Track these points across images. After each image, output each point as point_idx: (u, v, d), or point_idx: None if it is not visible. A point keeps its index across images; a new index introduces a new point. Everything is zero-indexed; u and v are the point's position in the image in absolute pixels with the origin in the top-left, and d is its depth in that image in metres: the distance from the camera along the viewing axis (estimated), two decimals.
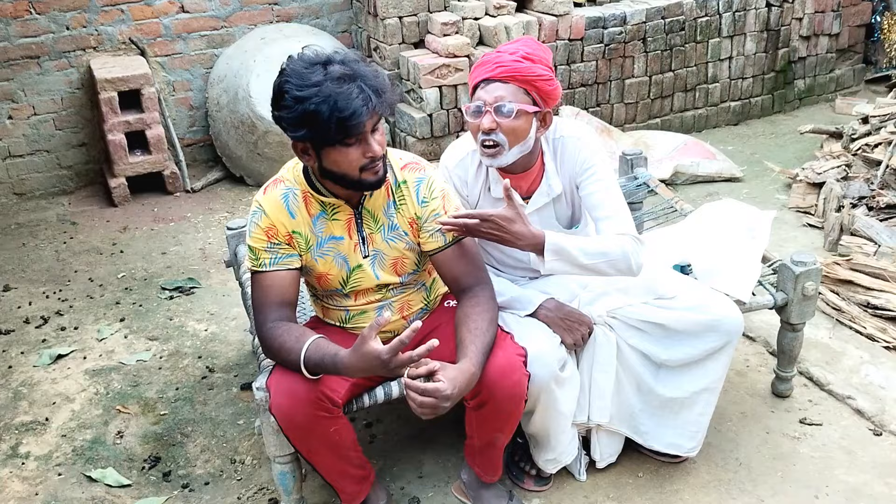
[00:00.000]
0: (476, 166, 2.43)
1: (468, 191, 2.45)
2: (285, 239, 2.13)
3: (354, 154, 1.96)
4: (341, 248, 2.18)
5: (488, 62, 2.28)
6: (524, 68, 2.24)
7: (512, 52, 2.27)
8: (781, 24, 5.57)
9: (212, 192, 4.95)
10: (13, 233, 4.51)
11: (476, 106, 2.27)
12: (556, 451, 2.46)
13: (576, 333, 2.33)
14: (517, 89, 2.24)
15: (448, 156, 2.48)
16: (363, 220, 2.18)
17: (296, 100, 1.89)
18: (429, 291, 2.37)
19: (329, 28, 5.34)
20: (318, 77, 1.89)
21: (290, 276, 2.13)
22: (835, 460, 2.62)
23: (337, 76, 1.90)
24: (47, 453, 2.81)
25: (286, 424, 2.08)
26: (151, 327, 3.53)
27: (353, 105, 1.88)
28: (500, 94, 2.23)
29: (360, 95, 1.90)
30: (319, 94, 1.87)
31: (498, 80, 2.25)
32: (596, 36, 4.96)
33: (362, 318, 2.28)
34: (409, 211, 2.19)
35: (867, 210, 3.84)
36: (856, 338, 3.20)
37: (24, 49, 4.66)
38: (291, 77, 1.91)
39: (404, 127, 4.82)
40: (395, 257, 2.22)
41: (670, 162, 4.69)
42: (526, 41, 2.34)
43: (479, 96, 2.27)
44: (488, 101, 2.24)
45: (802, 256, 2.66)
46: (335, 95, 1.88)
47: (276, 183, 2.16)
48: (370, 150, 1.97)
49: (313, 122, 1.89)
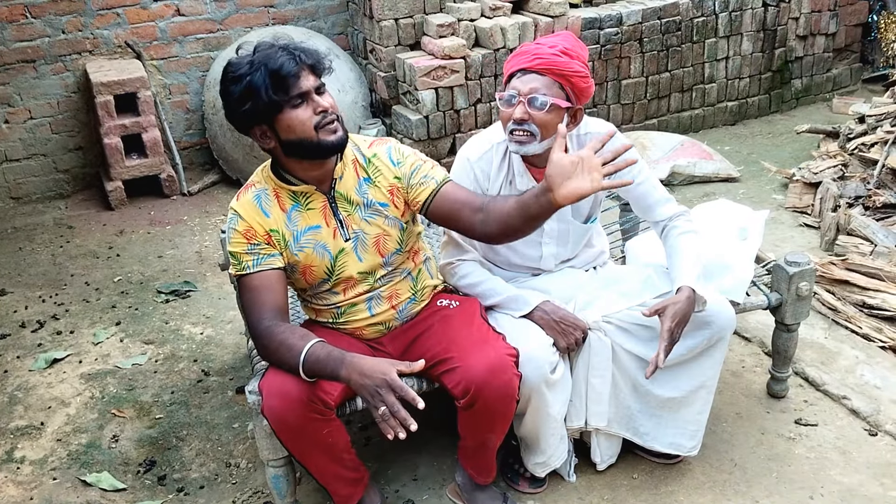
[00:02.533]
0: (500, 159, 2.41)
1: (489, 184, 2.42)
2: (264, 238, 2.14)
3: (304, 114, 2.03)
4: (320, 236, 2.19)
5: (527, 52, 2.27)
6: (562, 62, 2.23)
7: (551, 46, 2.26)
8: (778, 24, 5.57)
9: (208, 194, 4.95)
10: (9, 237, 4.51)
11: (510, 95, 2.27)
12: (546, 455, 2.45)
13: (569, 337, 2.33)
14: (552, 83, 2.24)
15: (470, 148, 2.45)
16: (338, 204, 2.20)
17: (234, 80, 2.01)
18: (415, 281, 2.37)
19: (325, 30, 5.35)
20: (249, 57, 2.04)
21: (275, 276, 2.14)
22: (830, 461, 2.61)
23: (265, 48, 2.04)
24: (42, 457, 2.81)
25: (278, 426, 2.08)
26: (147, 331, 3.53)
27: (279, 61, 1.99)
28: (535, 86, 2.23)
29: (286, 54, 2.02)
30: (252, 66, 2.00)
31: (534, 71, 2.24)
32: (592, 37, 4.96)
33: (353, 311, 2.29)
34: (387, 178, 2.22)
35: (864, 210, 3.84)
36: (851, 338, 3.20)
37: (19, 53, 4.67)
38: (228, 69, 2.05)
39: (400, 129, 4.82)
40: (375, 235, 2.23)
41: (667, 162, 4.69)
42: (566, 36, 2.33)
43: (514, 86, 2.27)
44: (523, 92, 2.24)
45: (796, 257, 2.65)
46: (264, 60, 2.00)
47: (246, 188, 2.21)
48: (319, 105, 2.05)
49: (253, 91, 1.99)
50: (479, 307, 2.36)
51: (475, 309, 2.34)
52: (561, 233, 2.49)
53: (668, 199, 2.49)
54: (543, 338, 2.30)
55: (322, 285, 2.26)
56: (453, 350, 2.17)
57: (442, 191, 2.21)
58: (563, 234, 2.49)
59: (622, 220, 3.19)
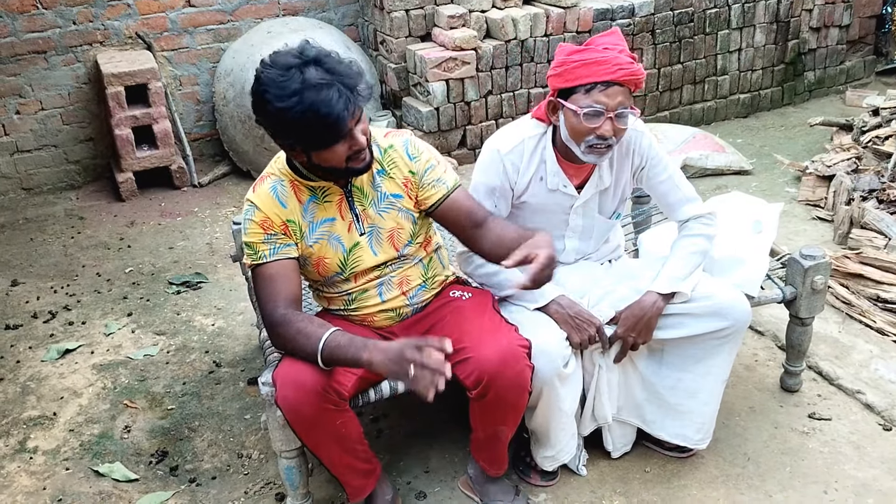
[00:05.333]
0: (530, 154, 2.38)
1: (518, 177, 2.39)
2: (281, 229, 2.14)
3: (341, 150, 2.01)
4: (334, 229, 2.19)
5: (606, 62, 2.17)
6: (637, 70, 2.19)
7: (621, 51, 2.20)
8: (791, 16, 5.53)
9: (219, 186, 4.95)
10: (21, 228, 4.53)
11: (595, 110, 2.19)
12: (556, 449, 2.45)
13: (583, 333, 2.32)
14: (628, 92, 2.21)
15: (500, 140, 2.40)
16: (354, 198, 2.20)
17: (278, 111, 1.92)
18: (426, 268, 2.36)
19: (335, 21, 5.33)
20: (296, 85, 1.90)
21: (291, 265, 2.15)
22: (843, 455, 2.60)
23: (314, 83, 1.91)
24: (55, 448, 2.82)
25: (292, 417, 2.08)
26: (159, 322, 3.54)
27: (335, 111, 1.91)
28: (621, 100, 2.18)
29: (341, 99, 1.91)
30: (301, 104, 1.89)
31: (617, 83, 2.18)
32: (604, 28, 4.93)
33: (364, 297, 2.29)
34: (402, 171, 2.22)
35: (877, 203, 3.81)
36: (865, 332, 3.18)
37: (31, 44, 4.67)
38: (269, 87, 1.92)
39: (411, 121, 4.81)
40: (390, 229, 2.23)
41: (679, 155, 4.66)
42: (619, 36, 2.27)
43: (599, 100, 2.17)
44: (610, 107, 2.18)
45: (811, 250, 2.64)
46: (317, 104, 1.90)
47: (262, 179, 2.20)
48: (356, 144, 2.02)
49: (299, 131, 1.94)
50: (492, 299, 2.36)
51: (488, 300, 2.33)
52: (585, 228, 2.48)
53: (692, 198, 2.46)
54: (557, 331, 2.29)
55: (335, 277, 2.26)
56: (466, 340, 2.16)
57: (451, 198, 2.23)
58: (588, 229, 2.49)
59: (635, 213, 3.18)
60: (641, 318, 2.33)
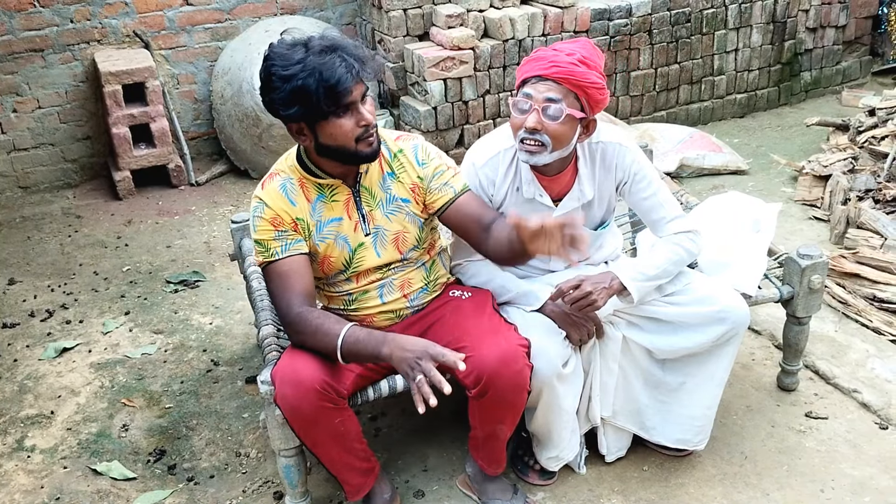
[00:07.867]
0: (506, 166, 2.37)
1: (494, 190, 2.39)
2: (291, 226, 2.16)
3: (348, 124, 2.03)
4: (341, 229, 2.20)
5: (543, 58, 2.20)
6: (580, 73, 2.17)
7: (569, 54, 2.19)
8: (788, 16, 5.54)
9: (216, 185, 4.95)
10: (18, 226, 4.52)
11: (523, 101, 2.21)
12: (559, 449, 2.45)
13: (582, 330, 2.32)
14: (568, 92, 2.18)
15: (476, 153, 2.41)
16: (361, 198, 2.21)
17: (283, 79, 1.97)
18: (429, 271, 2.37)
19: (333, 20, 5.33)
20: (301, 55, 1.97)
21: (303, 261, 2.16)
22: (840, 454, 2.61)
23: (318, 50, 1.98)
24: (53, 446, 2.82)
25: (291, 415, 2.09)
26: (156, 321, 3.54)
27: (337, 73, 1.95)
28: (551, 95, 2.17)
29: (343, 63, 1.97)
30: (304, 69, 1.95)
31: (551, 79, 2.18)
32: (601, 28, 4.94)
33: (365, 299, 2.30)
34: (410, 176, 2.24)
35: (874, 203, 3.82)
36: (862, 331, 3.19)
37: (28, 42, 4.66)
38: (275, 60, 1.99)
39: (409, 120, 4.81)
40: (396, 232, 2.24)
41: (676, 155, 4.67)
42: (584, 44, 2.26)
43: (527, 92, 2.20)
44: (537, 100, 2.18)
45: (808, 250, 2.64)
46: (319, 67, 1.95)
47: (271, 177, 2.20)
48: (363, 119, 2.04)
49: (303, 96, 1.96)
50: (491, 298, 2.36)
51: (487, 300, 2.34)
52: None
53: (676, 216, 2.42)
54: (555, 331, 2.30)
55: (338, 276, 2.27)
56: (465, 340, 2.17)
57: (458, 201, 2.24)
58: None
59: (632, 212, 3.18)
60: (598, 285, 2.27)
